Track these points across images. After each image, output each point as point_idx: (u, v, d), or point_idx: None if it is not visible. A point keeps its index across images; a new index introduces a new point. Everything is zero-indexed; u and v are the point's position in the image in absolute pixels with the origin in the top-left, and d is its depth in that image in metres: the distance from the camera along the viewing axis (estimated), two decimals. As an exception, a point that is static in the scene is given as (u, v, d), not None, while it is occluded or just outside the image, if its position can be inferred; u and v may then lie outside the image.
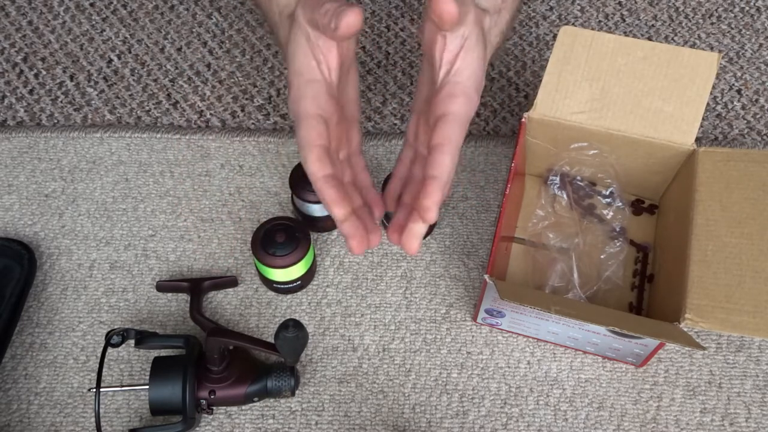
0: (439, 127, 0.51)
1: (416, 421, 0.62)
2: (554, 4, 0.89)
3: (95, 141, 0.77)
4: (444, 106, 0.51)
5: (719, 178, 0.61)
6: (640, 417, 0.63)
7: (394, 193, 0.58)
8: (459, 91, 0.51)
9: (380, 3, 0.89)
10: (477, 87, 0.52)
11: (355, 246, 0.52)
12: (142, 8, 0.88)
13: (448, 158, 0.50)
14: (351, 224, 0.52)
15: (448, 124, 0.51)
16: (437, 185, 0.49)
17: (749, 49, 0.85)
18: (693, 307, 0.55)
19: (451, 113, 0.51)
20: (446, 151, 0.50)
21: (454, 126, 0.51)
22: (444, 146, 0.50)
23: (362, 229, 0.52)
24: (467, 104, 0.51)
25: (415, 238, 0.50)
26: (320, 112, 0.53)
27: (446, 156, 0.50)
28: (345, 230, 0.52)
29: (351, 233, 0.52)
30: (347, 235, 0.52)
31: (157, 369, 0.59)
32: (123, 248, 0.71)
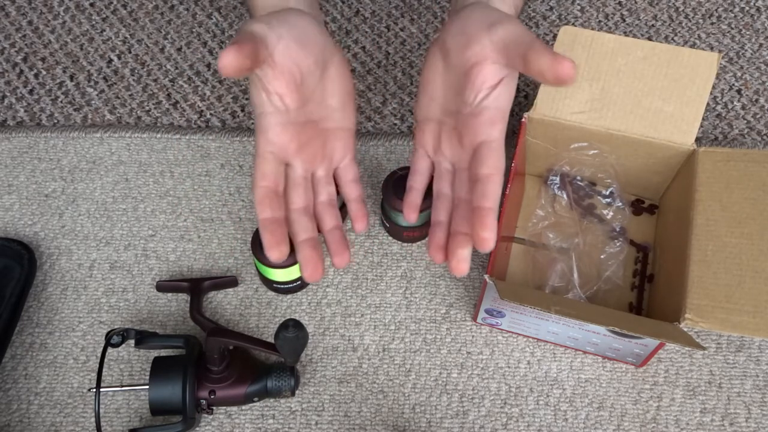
0: (486, 156, 0.51)
1: (416, 421, 0.62)
2: (554, 4, 0.89)
3: (95, 141, 0.77)
4: (487, 133, 0.51)
5: (719, 178, 0.61)
6: (640, 417, 0.63)
7: (415, 205, 0.59)
8: (500, 117, 0.51)
9: (380, 3, 0.89)
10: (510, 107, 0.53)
11: (308, 275, 0.54)
12: (142, 8, 0.88)
13: (498, 188, 0.50)
14: (302, 256, 0.55)
15: (494, 152, 0.51)
16: (493, 216, 0.49)
17: (749, 49, 0.85)
18: (693, 307, 0.55)
19: (494, 140, 0.51)
20: (496, 180, 0.50)
21: (498, 153, 0.51)
22: (494, 176, 0.51)
23: (315, 259, 0.54)
24: (504, 130, 0.52)
25: (465, 262, 0.51)
26: (270, 148, 0.53)
27: (497, 186, 0.50)
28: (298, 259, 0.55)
29: (303, 264, 0.54)
30: (300, 266, 0.55)
31: (157, 369, 0.59)
32: (123, 248, 0.71)
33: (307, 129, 0.55)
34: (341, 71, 0.57)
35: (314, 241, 0.55)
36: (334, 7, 0.88)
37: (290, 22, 0.52)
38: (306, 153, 0.56)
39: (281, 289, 0.67)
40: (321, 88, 0.56)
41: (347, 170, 0.60)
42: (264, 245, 0.52)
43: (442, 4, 0.89)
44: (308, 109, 0.55)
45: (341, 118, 0.58)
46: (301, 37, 0.52)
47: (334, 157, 0.59)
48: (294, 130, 0.54)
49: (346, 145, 0.59)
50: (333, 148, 0.58)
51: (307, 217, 0.56)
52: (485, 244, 0.49)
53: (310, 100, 0.55)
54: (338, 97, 0.57)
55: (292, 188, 0.56)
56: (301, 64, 0.52)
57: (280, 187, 0.54)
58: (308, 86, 0.54)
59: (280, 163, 0.54)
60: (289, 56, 0.51)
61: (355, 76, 0.83)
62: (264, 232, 0.52)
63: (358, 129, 0.79)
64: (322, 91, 0.56)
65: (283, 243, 0.52)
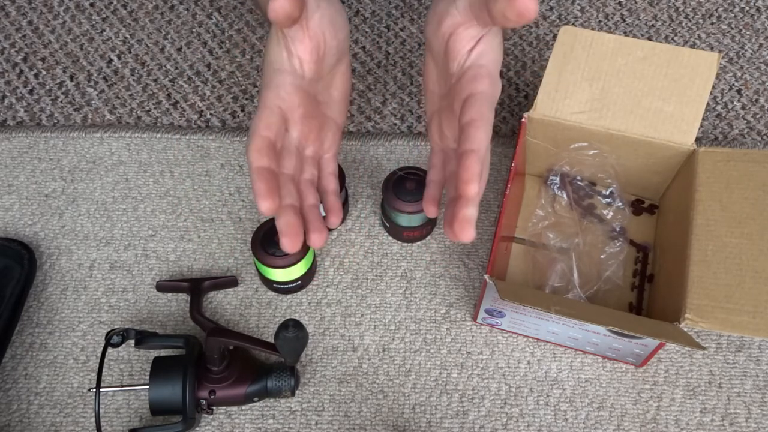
0: (469, 105, 0.49)
1: (416, 421, 0.62)
2: (554, 4, 0.89)
3: (95, 141, 0.77)
4: (471, 88, 0.50)
5: (719, 178, 0.61)
6: (640, 417, 0.63)
7: (434, 198, 0.58)
8: (484, 73, 0.51)
9: (380, 3, 0.89)
10: (498, 70, 0.52)
11: (286, 243, 0.51)
12: (142, 8, 0.88)
13: (482, 132, 0.48)
14: (284, 221, 0.52)
15: (478, 102, 0.49)
16: (475, 158, 0.47)
17: (749, 49, 0.85)
18: (693, 307, 0.55)
19: (479, 92, 0.50)
20: (479, 125, 0.48)
21: (483, 103, 0.49)
22: (477, 121, 0.48)
23: (296, 227, 0.51)
24: (493, 85, 0.51)
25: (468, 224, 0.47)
26: (279, 103, 0.52)
27: (480, 131, 0.48)
28: (278, 226, 0.52)
29: (283, 230, 0.51)
30: (280, 232, 0.52)
31: (157, 369, 0.59)
32: (123, 248, 0.71)
33: (312, 103, 0.56)
34: (347, 71, 0.59)
35: (297, 209, 0.54)
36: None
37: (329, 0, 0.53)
38: (305, 125, 0.56)
39: (281, 289, 0.67)
40: (331, 76, 0.57)
41: (329, 163, 0.60)
42: (255, 194, 0.48)
43: (442, 4, 0.89)
44: (317, 87, 0.56)
45: (337, 112, 0.59)
46: (335, 17, 0.54)
47: (324, 144, 0.59)
48: (303, 97, 0.54)
49: (334, 138, 0.60)
50: (325, 134, 0.59)
51: (293, 184, 0.55)
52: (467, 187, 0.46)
53: (321, 79, 0.55)
54: (340, 92, 0.59)
55: (285, 153, 0.55)
56: (327, 41, 0.53)
57: (278, 145, 0.53)
58: (325, 66, 0.55)
59: (283, 122, 0.53)
60: (321, 28, 0.52)
61: (355, 76, 0.83)
62: (257, 179, 0.48)
63: (358, 129, 0.79)
64: (331, 80, 0.57)
65: (275, 194, 0.49)
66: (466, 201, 0.47)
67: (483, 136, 0.48)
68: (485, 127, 0.48)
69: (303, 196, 0.57)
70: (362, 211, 0.73)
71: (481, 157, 0.47)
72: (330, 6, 0.53)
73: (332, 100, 0.58)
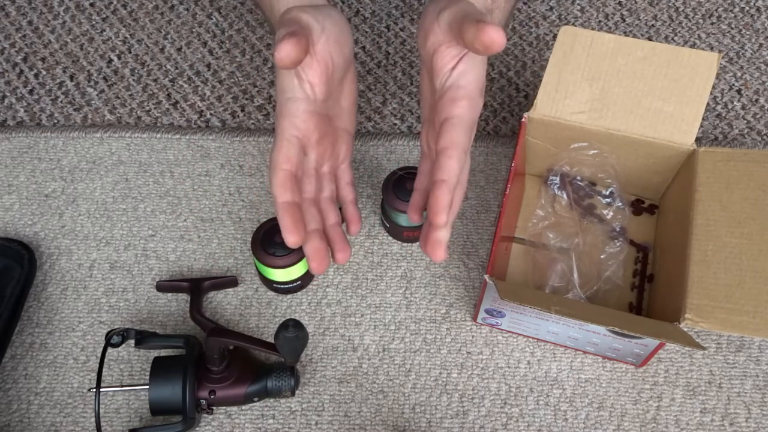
0: (444, 130, 0.51)
1: (416, 421, 0.62)
2: (554, 4, 0.89)
3: (95, 141, 0.77)
4: (448, 110, 0.51)
5: (719, 178, 0.61)
6: (640, 417, 0.63)
7: (418, 206, 0.59)
8: (462, 95, 0.51)
9: (380, 3, 0.89)
10: (480, 89, 0.52)
11: (315, 267, 0.55)
12: (142, 8, 0.88)
13: (454, 162, 0.50)
14: (311, 247, 0.55)
15: (453, 128, 0.50)
16: (445, 188, 0.49)
17: (749, 49, 0.85)
18: (693, 307, 0.55)
19: (455, 116, 0.51)
20: (452, 155, 0.50)
21: (458, 129, 0.50)
22: (449, 150, 0.50)
23: (323, 252, 0.55)
24: (471, 107, 0.51)
25: (438, 246, 0.51)
26: (296, 133, 0.53)
27: (452, 160, 0.50)
28: (306, 251, 0.56)
29: (311, 255, 0.55)
30: (307, 256, 0.56)
31: (157, 369, 0.59)
32: (123, 248, 0.71)
33: (325, 122, 0.57)
34: (353, 78, 0.59)
35: (322, 233, 0.57)
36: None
37: (332, 18, 0.54)
38: (322, 145, 0.57)
39: (281, 289, 0.67)
40: (340, 88, 0.57)
41: (345, 173, 0.61)
42: (283, 228, 0.51)
43: (442, 4, 0.89)
44: (328, 104, 0.56)
45: (348, 121, 0.60)
46: (339, 35, 0.54)
47: (339, 156, 0.60)
48: (318, 120, 0.55)
49: (347, 148, 0.61)
50: (339, 147, 0.60)
51: (315, 208, 0.58)
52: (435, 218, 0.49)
53: (330, 97, 0.56)
54: (348, 101, 0.59)
55: (305, 177, 0.57)
56: (335, 60, 0.53)
57: (299, 173, 0.54)
58: (334, 83, 0.55)
59: (301, 150, 0.54)
60: (327, 50, 0.53)
61: (355, 76, 0.83)
62: (284, 215, 0.51)
63: (358, 129, 0.79)
64: (340, 91, 0.58)
65: (301, 227, 0.52)
66: (436, 227, 0.50)
67: (454, 165, 0.50)
68: (458, 155, 0.50)
69: (325, 216, 0.59)
70: (362, 211, 0.73)
71: (450, 187, 0.49)
72: (334, 25, 0.53)
73: (342, 110, 0.59)
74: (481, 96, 0.52)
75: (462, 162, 0.50)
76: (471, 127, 0.52)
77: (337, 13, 0.55)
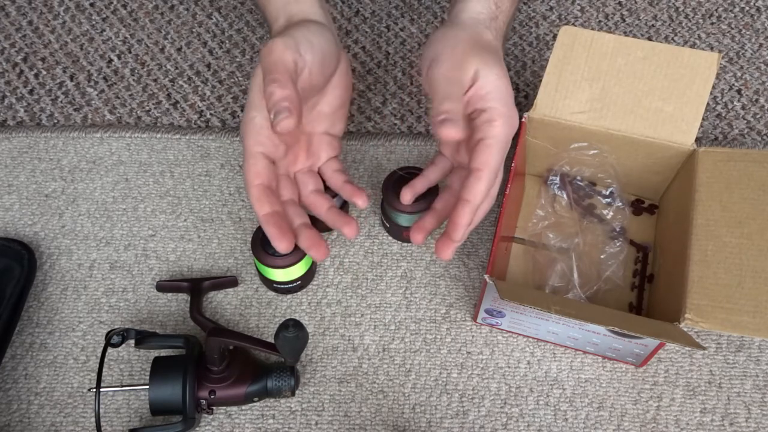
0: (478, 151, 0.52)
1: (416, 421, 0.62)
2: (554, 4, 0.89)
3: (95, 141, 0.77)
4: (484, 131, 0.52)
5: (719, 178, 0.61)
6: (640, 417, 0.63)
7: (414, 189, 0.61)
8: (496, 115, 0.52)
9: (380, 3, 0.89)
10: (510, 102, 0.53)
11: (315, 255, 0.56)
12: (142, 8, 0.88)
13: (482, 184, 0.51)
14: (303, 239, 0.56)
15: (487, 149, 0.52)
16: (468, 209, 0.52)
17: (749, 49, 0.85)
18: (693, 307, 0.55)
19: (490, 137, 0.52)
20: (482, 177, 0.51)
21: (492, 150, 0.52)
22: (481, 172, 0.51)
23: (317, 239, 0.56)
24: (506, 125, 0.52)
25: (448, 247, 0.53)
26: (261, 149, 0.54)
27: (481, 182, 0.51)
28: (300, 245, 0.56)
29: (307, 246, 0.56)
30: (304, 249, 0.57)
31: (157, 369, 0.59)
32: (123, 248, 0.71)
33: (293, 133, 0.56)
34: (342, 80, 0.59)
35: (309, 224, 0.57)
36: (334, 7, 0.88)
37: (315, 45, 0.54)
38: (292, 154, 0.58)
39: (281, 289, 0.67)
40: (318, 97, 0.58)
41: (331, 163, 0.62)
42: (271, 238, 0.53)
43: (442, 4, 0.89)
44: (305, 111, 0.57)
45: (330, 125, 0.61)
46: (323, 59, 0.54)
47: (320, 157, 0.61)
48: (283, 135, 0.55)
49: (330, 148, 0.62)
50: (318, 149, 0.61)
51: (296, 206, 0.58)
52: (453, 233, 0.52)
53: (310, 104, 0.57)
54: (332, 106, 0.59)
55: (281, 183, 0.58)
56: (313, 83, 0.54)
57: (273, 183, 0.56)
58: (308, 97, 0.56)
59: (269, 163, 0.55)
60: (308, 81, 0.54)
61: (355, 76, 0.83)
62: (267, 226, 0.53)
63: (358, 129, 0.79)
64: (319, 98, 0.58)
65: (288, 233, 0.54)
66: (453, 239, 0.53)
67: (482, 187, 0.52)
68: (488, 177, 0.52)
69: (315, 208, 0.59)
70: (362, 211, 0.73)
71: (473, 207, 0.52)
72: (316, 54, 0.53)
73: (321, 116, 0.59)
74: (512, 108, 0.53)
75: (491, 182, 0.52)
76: (506, 145, 0.53)
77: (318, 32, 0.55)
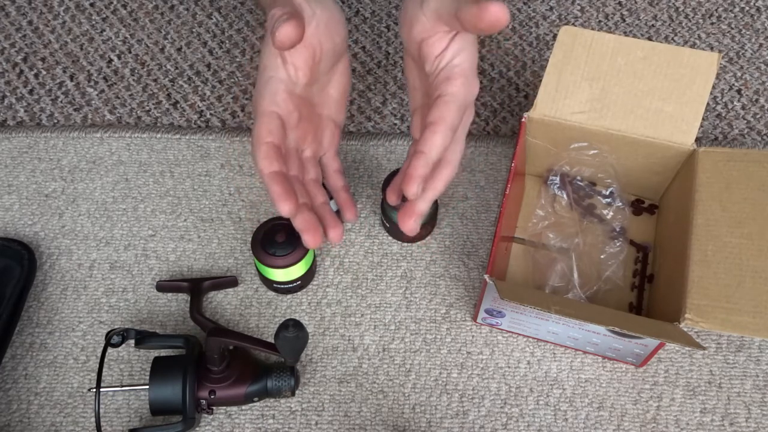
0: (435, 106, 0.50)
1: (416, 421, 0.62)
2: (554, 4, 0.89)
3: (95, 141, 0.77)
4: (442, 88, 0.51)
5: (719, 178, 0.61)
6: (640, 417, 0.63)
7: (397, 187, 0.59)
8: (457, 73, 0.51)
9: (380, 3, 0.89)
10: (474, 69, 0.52)
11: (309, 240, 0.53)
12: (142, 8, 0.88)
13: (438, 137, 0.49)
14: (301, 219, 0.53)
15: (444, 104, 0.50)
16: (422, 159, 0.49)
17: (749, 49, 0.85)
18: (693, 307, 0.55)
19: (448, 93, 0.50)
20: (437, 130, 0.49)
21: (449, 105, 0.50)
22: (435, 125, 0.49)
23: (314, 223, 0.53)
24: (465, 85, 0.51)
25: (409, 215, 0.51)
26: (276, 109, 0.53)
27: (436, 135, 0.49)
28: (296, 225, 0.53)
29: (302, 227, 0.53)
30: (299, 230, 0.53)
31: (157, 369, 0.59)
32: (123, 248, 0.71)
33: (307, 106, 0.57)
34: (345, 70, 0.59)
35: (310, 206, 0.56)
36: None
37: (325, 5, 0.53)
38: (301, 129, 0.57)
39: (281, 289, 0.67)
40: (328, 77, 0.57)
41: (332, 161, 0.62)
42: (274, 198, 0.50)
43: (442, 4, 0.89)
44: (312, 90, 0.56)
45: (335, 111, 0.60)
46: (330, 22, 0.54)
47: (322, 143, 0.60)
48: (298, 102, 0.55)
49: (333, 136, 0.61)
50: (323, 134, 0.60)
51: (300, 184, 0.57)
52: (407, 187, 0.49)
53: (316, 83, 0.56)
54: (338, 91, 0.59)
55: (288, 157, 0.56)
56: (323, 46, 0.53)
57: (282, 149, 0.54)
58: (320, 69, 0.55)
59: (282, 126, 0.54)
60: (317, 35, 0.53)
61: (355, 76, 0.83)
62: (272, 184, 0.51)
63: (358, 129, 0.79)
64: (328, 80, 0.58)
65: (293, 196, 0.51)
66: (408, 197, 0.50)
67: (438, 139, 0.49)
68: (443, 130, 0.49)
69: (312, 196, 0.58)
70: (362, 211, 0.73)
71: (429, 160, 0.49)
72: (325, 11, 0.53)
73: (329, 99, 0.59)
74: (475, 76, 0.52)
75: (447, 139, 0.50)
76: (463, 106, 0.51)
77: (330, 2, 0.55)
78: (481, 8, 0.46)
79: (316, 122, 0.59)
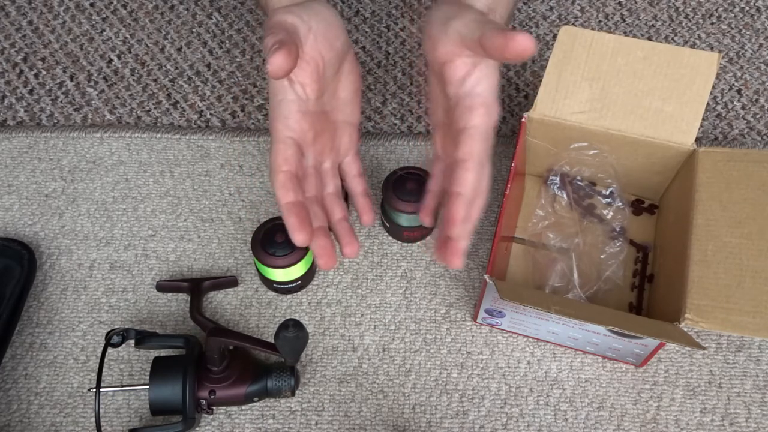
0: (462, 142, 0.51)
1: (416, 421, 0.62)
2: (554, 4, 0.89)
3: (95, 141, 0.77)
4: (465, 120, 0.51)
5: (719, 178, 0.61)
6: (640, 417, 0.63)
7: (430, 209, 0.60)
8: (479, 103, 0.51)
9: (380, 3, 0.89)
10: (495, 96, 0.52)
11: (323, 264, 0.56)
12: (142, 8, 0.88)
13: (470, 174, 0.50)
14: (316, 245, 0.56)
15: (470, 138, 0.51)
16: (461, 202, 0.50)
17: (749, 49, 0.85)
18: (693, 307, 0.55)
19: (472, 126, 0.51)
20: (468, 167, 0.50)
21: (475, 139, 0.51)
22: (467, 162, 0.50)
23: (329, 249, 0.56)
24: (488, 115, 0.51)
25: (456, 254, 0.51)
26: (290, 134, 0.53)
27: (468, 172, 0.50)
28: (313, 249, 0.56)
29: (318, 253, 0.56)
30: (315, 255, 0.56)
31: (157, 369, 0.59)
32: (123, 248, 0.71)
33: (321, 119, 0.56)
34: (353, 66, 0.58)
35: (326, 230, 0.57)
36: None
37: (318, 14, 0.53)
38: (318, 143, 0.57)
39: (281, 289, 0.67)
40: (335, 80, 0.57)
41: (352, 165, 0.61)
42: (290, 229, 0.52)
43: (442, 4, 0.89)
44: (323, 100, 0.56)
45: (349, 112, 0.60)
46: (327, 30, 0.53)
47: (340, 150, 0.60)
48: (312, 119, 0.55)
49: (351, 139, 0.61)
50: (340, 140, 0.60)
51: (318, 206, 0.58)
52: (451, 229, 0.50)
53: (325, 91, 0.56)
54: (348, 91, 0.59)
55: (306, 176, 0.57)
56: (325, 56, 0.53)
57: (300, 173, 0.54)
58: (327, 78, 0.55)
59: (299, 150, 0.54)
60: (316, 48, 0.52)
61: (355, 76, 0.83)
62: (289, 215, 0.52)
63: (358, 129, 0.79)
64: (336, 84, 0.57)
65: (308, 226, 0.52)
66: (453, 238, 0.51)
67: (471, 177, 0.50)
68: (474, 166, 0.50)
69: (330, 212, 0.59)
70: (362, 211, 0.73)
71: (466, 200, 0.50)
72: (320, 21, 0.53)
73: (341, 102, 0.59)
74: (495, 102, 0.52)
75: (479, 173, 0.51)
76: (488, 136, 0.52)
77: (324, 8, 0.54)
78: (507, 38, 0.46)
79: (332, 131, 0.59)
